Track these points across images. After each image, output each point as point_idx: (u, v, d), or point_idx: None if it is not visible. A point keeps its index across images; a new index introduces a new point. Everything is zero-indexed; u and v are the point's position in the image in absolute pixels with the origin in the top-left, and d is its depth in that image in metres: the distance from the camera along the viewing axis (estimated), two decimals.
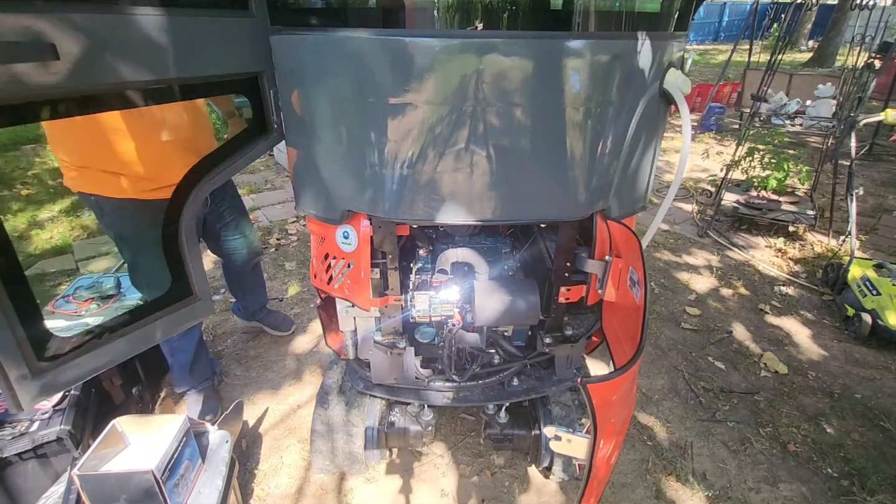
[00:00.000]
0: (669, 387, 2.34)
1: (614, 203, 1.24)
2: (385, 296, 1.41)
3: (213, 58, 0.95)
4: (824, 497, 1.84)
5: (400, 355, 1.54)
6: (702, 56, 14.98)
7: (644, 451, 2.00)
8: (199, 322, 2.00)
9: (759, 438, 2.07)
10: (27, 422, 1.53)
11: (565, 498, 1.80)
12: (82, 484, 1.27)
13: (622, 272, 1.22)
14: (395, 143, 1.06)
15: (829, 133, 3.86)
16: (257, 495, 1.81)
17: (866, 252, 3.59)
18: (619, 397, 1.04)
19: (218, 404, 2.14)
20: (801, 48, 15.37)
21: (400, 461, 1.93)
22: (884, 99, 5.91)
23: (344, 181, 1.19)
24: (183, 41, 0.87)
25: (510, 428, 1.76)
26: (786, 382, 2.39)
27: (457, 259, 1.53)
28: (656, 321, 2.81)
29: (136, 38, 0.81)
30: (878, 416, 2.19)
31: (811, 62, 12.50)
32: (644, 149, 1.23)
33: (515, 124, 1.05)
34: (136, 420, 1.43)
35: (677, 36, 1.15)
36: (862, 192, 3.40)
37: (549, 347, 1.53)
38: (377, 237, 1.28)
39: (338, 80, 1.05)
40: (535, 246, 1.60)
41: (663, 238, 3.82)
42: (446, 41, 0.98)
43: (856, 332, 2.68)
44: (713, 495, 1.82)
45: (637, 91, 1.11)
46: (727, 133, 6.77)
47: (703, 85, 7.92)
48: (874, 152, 5.84)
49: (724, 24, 21.05)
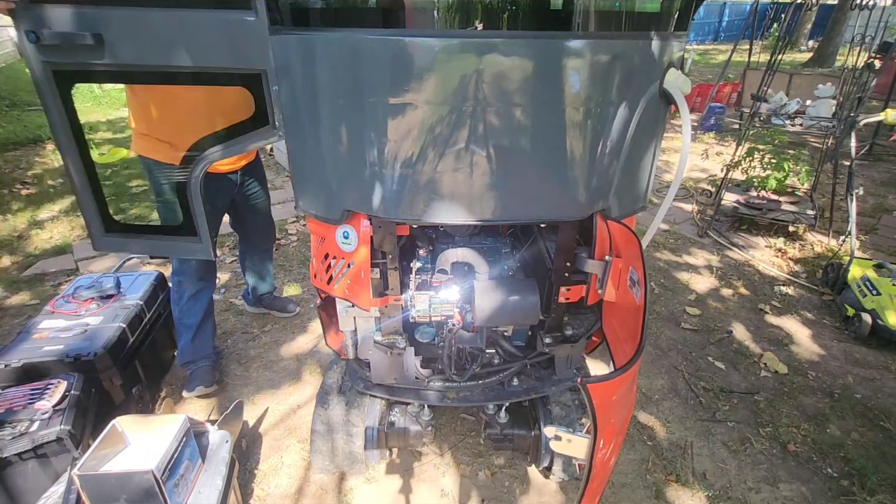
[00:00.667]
0: (669, 387, 2.34)
1: (614, 203, 1.24)
2: (385, 296, 1.41)
3: (215, 51, 1.10)
4: (824, 497, 1.84)
5: (400, 355, 1.54)
6: (702, 56, 14.99)
7: (644, 451, 2.00)
8: (209, 297, 2.19)
9: (759, 438, 2.07)
10: (27, 422, 1.53)
11: (565, 498, 1.80)
12: (82, 484, 1.27)
13: (622, 272, 1.22)
14: (395, 142, 1.06)
15: (829, 133, 3.86)
16: (257, 495, 1.81)
17: (866, 252, 3.59)
18: (619, 397, 1.04)
19: (212, 378, 2.22)
20: (801, 48, 15.36)
21: (400, 461, 1.93)
22: (884, 99, 5.92)
23: (344, 181, 1.19)
24: (187, 34, 1.09)
25: (510, 428, 1.76)
26: (786, 382, 2.39)
27: (457, 259, 1.53)
28: (656, 321, 2.81)
29: (154, 29, 1.09)
30: (878, 416, 2.19)
31: (811, 62, 12.49)
32: (644, 149, 1.23)
33: (515, 124, 1.05)
34: (136, 420, 1.43)
35: (677, 36, 1.15)
36: (862, 192, 3.40)
37: (549, 347, 1.53)
38: (377, 237, 1.28)
39: (338, 80, 1.05)
40: (535, 246, 1.60)
41: (663, 238, 3.82)
42: (446, 41, 0.98)
43: (856, 332, 2.68)
44: (713, 495, 1.82)
45: (637, 91, 1.11)
46: (727, 133, 6.77)
47: (703, 85, 7.91)
48: (874, 152, 5.84)
49: (724, 24, 21.04)
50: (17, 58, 8.60)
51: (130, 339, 2.03)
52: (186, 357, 2.20)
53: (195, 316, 2.14)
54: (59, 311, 2.07)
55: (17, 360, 1.76)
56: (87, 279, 2.29)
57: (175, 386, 2.30)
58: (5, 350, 1.83)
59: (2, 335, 2.60)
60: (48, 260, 3.37)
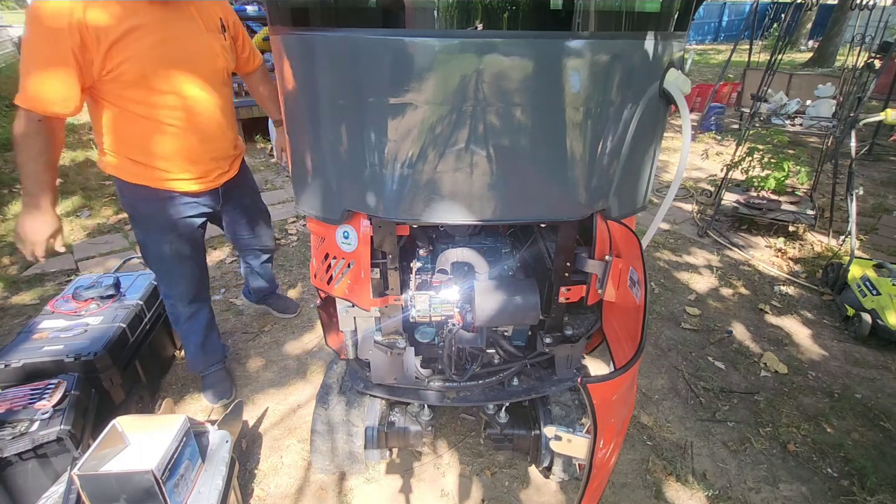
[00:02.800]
0: (669, 387, 2.34)
1: (614, 203, 1.24)
2: (385, 296, 1.41)
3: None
4: (824, 497, 1.84)
5: (400, 355, 1.54)
6: (701, 56, 14.98)
7: (644, 451, 2.00)
8: (207, 314, 2.12)
9: (759, 438, 2.07)
10: (27, 422, 1.53)
11: (565, 498, 1.80)
12: (82, 484, 1.27)
13: (622, 272, 1.22)
14: (395, 142, 1.06)
15: (829, 133, 3.86)
16: (257, 495, 1.81)
17: (866, 252, 3.59)
18: (619, 397, 1.04)
19: (231, 385, 2.21)
20: (801, 48, 15.36)
21: (400, 461, 1.93)
22: (884, 99, 5.91)
23: (344, 181, 1.19)
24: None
25: (510, 428, 1.76)
26: (786, 382, 2.39)
27: (457, 259, 1.53)
28: (656, 321, 2.81)
29: None
30: (878, 416, 2.19)
31: (811, 62, 12.49)
32: (644, 149, 1.23)
33: (515, 124, 1.05)
34: (136, 420, 1.43)
35: (677, 36, 1.15)
36: (862, 191, 3.40)
37: (549, 347, 1.53)
38: (377, 237, 1.28)
39: (337, 80, 1.05)
40: (535, 246, 1.60)
41: (663, 238, 3.82)
42: (446, 41, 0.98)
43: (856, 332, 2.68)
44: (713, 495, 1.82)
45: (637, 91, 1.11)
46: (727, 133, 6.77)
47: (703, 85, 7.91)
48: (874, 152, 5.84)
49: (723, 23, 21.04)
50: (18, 58, 8.58)
51: (130, 339, 2.03)
52: (198, 367, 2.18)
53: (197, 334, 2.09)
54: (60, 311, 2.07)
55: (17, 360, 1.76)
56: (87, 279, 2.29)
57: (175, 386, 2.31)
58: (5, 350, 1.83)
59: (2, 335, 2.61)
60: (48, 260, 3.37)
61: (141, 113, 1.57)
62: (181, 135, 1.66)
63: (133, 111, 1.56)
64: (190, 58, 1.61)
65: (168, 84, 1.56)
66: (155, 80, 1.53)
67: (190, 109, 1.64)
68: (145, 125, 1.60)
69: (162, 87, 1.55)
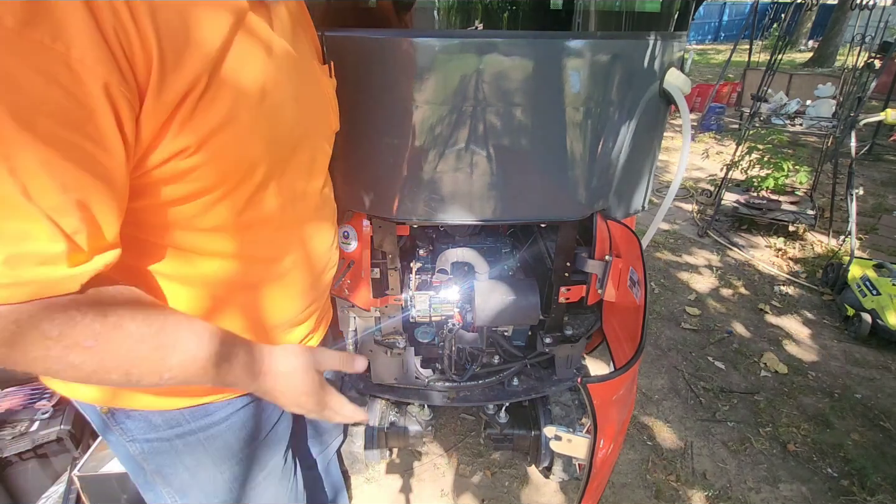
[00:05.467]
0: (669, 387, 2.34)
1: (614, 203, 1.24)
2: (385, 296, 1.41)
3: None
4: (824, 497, 1.84)
5: (400, 355, 1.54)
6: (701, 56, 14.99)
7: (644, 451, 2.00)
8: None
9: (759, 438, 2.07)
10: (27, 422, 1.53)
11: (565, 498, 1.80)
12: (82, 484, 1.28)
13: (622, 272, 1.22)
14: (395, 142, 1.06)
15: (829, 133, 3.86)
16: None
17: (866, 252, 3.59)
18: (619, 397, 1.04)
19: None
20: (801, 48, 15.36)
21: (400, 461, 1.93)
22: (884, 99, 5.91)
23: (344, 181, 1.19)
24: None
25: (510, 428, 1.76)
26: (786, 382, 2.39)
27: (457, 259, 1.52)
28: (656, 321, 2.81)
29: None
30: (878, 416, 2.19)
31: (811, 62, 12.48)
32: (644, 149, 1.23)
33: (515, 124, 1.05)
34: None
35: (677, 36, 1.15)
36: (862, 191, 3.41)
37: (549, 347, 1.53)
38: (377, 237, 1.28)
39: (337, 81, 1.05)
40: (535, 246, 1.60)
41: (663, 238, 3.82)
42: (446, 41, 0.98)
43: (856, 332, 2.68)
44: (713, 495, 1.82)
45: (637, 91, 1.11)
46: (727, 133, 6.77)
47: (703, 85, 7.91)
48: (874, 152, 5.84)
49: (724, 23, 21.04)
50: None
51: None
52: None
53: None
54: None
55: None
56: None
57: None
58: None
59: None
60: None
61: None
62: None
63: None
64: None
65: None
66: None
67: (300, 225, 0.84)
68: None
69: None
